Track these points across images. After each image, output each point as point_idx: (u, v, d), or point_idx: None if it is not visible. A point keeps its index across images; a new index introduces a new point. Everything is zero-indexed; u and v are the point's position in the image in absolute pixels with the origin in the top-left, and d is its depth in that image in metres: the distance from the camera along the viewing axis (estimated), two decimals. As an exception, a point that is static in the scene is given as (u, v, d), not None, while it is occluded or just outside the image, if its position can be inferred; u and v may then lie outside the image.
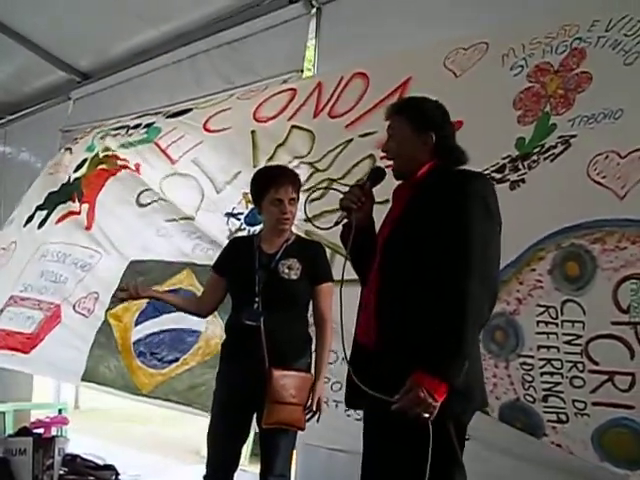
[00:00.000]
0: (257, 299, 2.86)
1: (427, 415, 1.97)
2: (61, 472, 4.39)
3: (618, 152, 2.63)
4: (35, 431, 4.57)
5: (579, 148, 2.76)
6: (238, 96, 4.59)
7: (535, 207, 2.80)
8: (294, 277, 2.87)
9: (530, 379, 2.68)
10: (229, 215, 3.99)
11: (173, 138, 4.70)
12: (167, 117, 4.93)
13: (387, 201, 2.39)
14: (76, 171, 5.38)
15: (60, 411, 5.56)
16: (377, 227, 2.39)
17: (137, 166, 4.80)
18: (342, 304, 2.20)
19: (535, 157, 2.88)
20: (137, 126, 5.03)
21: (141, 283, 3.29)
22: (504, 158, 2.97)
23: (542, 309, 2.67)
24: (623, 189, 2.57)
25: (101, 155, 5.18)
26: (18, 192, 6.26)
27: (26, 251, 5.36)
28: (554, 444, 2.62)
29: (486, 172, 2.95)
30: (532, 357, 2.68)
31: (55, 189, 5.51)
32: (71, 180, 5.43)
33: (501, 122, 3.08)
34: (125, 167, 4.91)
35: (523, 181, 2.88)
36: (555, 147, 2.83)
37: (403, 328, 2.07)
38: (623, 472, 2.46)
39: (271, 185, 2.93)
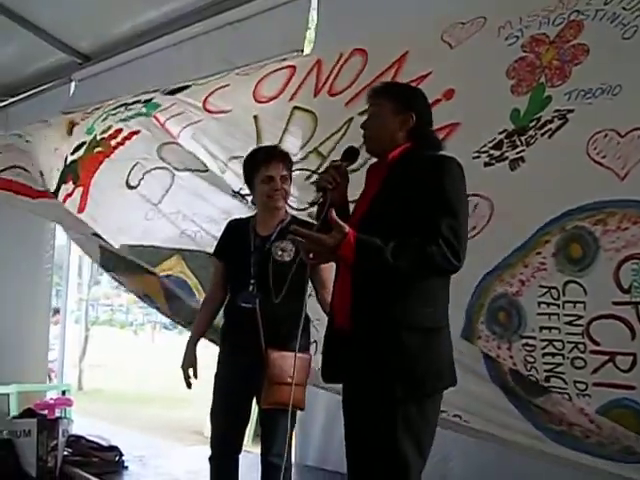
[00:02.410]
0: (252, 282, 2.90)
1: (310, 256, 2.16)
2: (65, 453, 4.42)
3: (617, 131, 2.58)
4: (39, 412, 4.59)
5: (577, 124, 2.71)
6: (237, 72, 4.56)
7: (537, 189, 2.77)
8: (287, 259, 2.89)
9: (532, 360, 2.66)
10: (236, 194, 3.90)
11: (172, 113, 4.66)
12: (165, 94, 4.90)
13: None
14: (73, 153, 5.34)
15: (64, 392, 5.60)
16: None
17: (135, 132, 4.72)
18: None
19: (532, 132, 2.82)
20: (135, 102, 4.99)
21: None
22: (500, 132, 2.92)
23: (544, 290, 2.65)
24: (623, 169, 2.54)
25: (98, 137, 5.12)
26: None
27: None
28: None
29: (484, 149, 2.93)
30: (534, 338, 2.66)
31: (55, 186, 5.50)
32: (67, 162, 5.40)
33: (494, 91, 3.03)
34: (119, 145, 4.84)
35: (522, 160, 2.82)
36: (552, 122, 2.78)
37: (379, 308, 2.13)
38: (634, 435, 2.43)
39: (262, 163, 2.98)
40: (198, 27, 5.23)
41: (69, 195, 5.09)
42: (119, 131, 4.84)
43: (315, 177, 2.39)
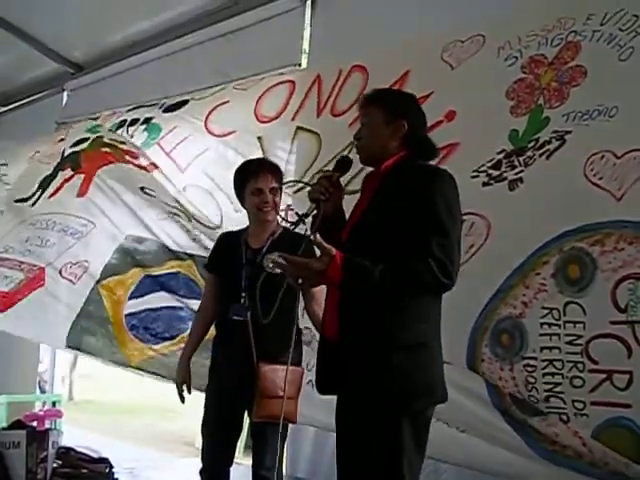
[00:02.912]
0: (244, 294, 2.90)
1: (299, 282, 2.14)
2: (55, 465, 4.38)
3: (614, 152, 2.64)
4: (29, 424, 4.55)
5: (575, 146, 2.77)
6: (234, 86, 4.55)
7: (535, 210, 2.82)
8: (279, 271, 2.86)
9: (533, 380, 2.71)
10: None
11: (176, 139, 4.64)
12: (164, 111, 4.87)
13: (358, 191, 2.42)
14: (74, 146, 5.30)
15: (54, 404, 5.55)
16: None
17: (155, 166, 4.67)
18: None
19: (530, 153, 2.88)
20: (135, 121, 4.96)
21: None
22: (499, 153, 2.97)
23: (546, 311, 2.70)
24: (620, 190, 2.60)
25: (107, 139, 5.07)
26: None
27: (13, 219, 5.28)
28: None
29: (482, 169, 2.98)
30: (535, 359, 2.70)
31: (49, 172, 5.45)
32: (66, 153, 5.35)
33: (493, 112, 3.07)
34: (134, 165, 4.78)
35: (521, 180, 2.88)
36: (550, 142, 2.83)
37: (368, 322, 2.10)
38: (624, 460, 2.45)
39: (251, 176, 2.98)
40: (192, 38, 5.21)
41: (67, 180, 5.06)
42: (134, 153, 4.80)
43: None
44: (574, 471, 2.58)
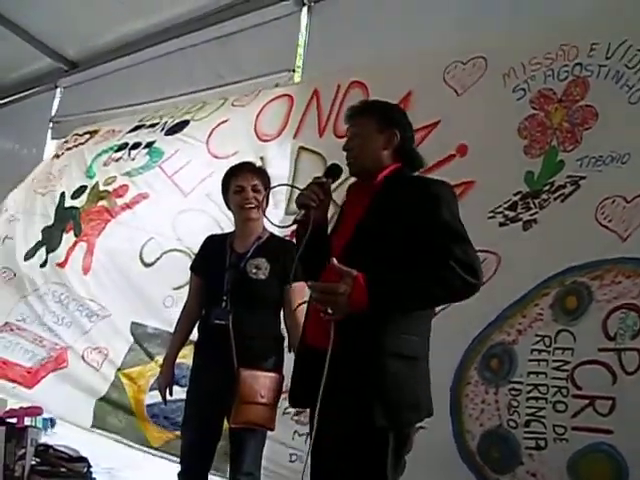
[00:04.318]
0: (225, 298, 2.88)
1: (329, 312, 1.99)
2: (33, 463, 4.34)
3: (624, 197, 2.70)
4: (8, 420, 4.52)
5: (588, 191, 2.82)
6: (232, 102, 4.53)
7: (545, 248, 2.87)
8: (262, 277, 2.86)
9: (516, 404, 2.74)
10: None
11: (179, 163, 4.61)
12: (166, 133, 4.83)
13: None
14: (74, 197, 5.24)
15: (34, 400, 5.50)
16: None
17: (145, 195, 4.67)
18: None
19: (545, 196, 2.93)
20: (137, 145, 4.92)
21: None
22: (515, 194, 3.01)
23: (538, 338, 2.74)
24: (626, 232, 2.66)
25: (102, 187, 5.06)
26: (3, 180, 6.24)
27: (24, 283, 5.22)
28: (529, 473, 2.66)
29: (499, 210, 3.03)
30: (521, 383, 2.74)
31: (50, 223, 5.37)
32: (65, 204, 5.29)
33: (507, 150, 3.10)
34: (127, 207, 4.75)
35: (535, 221, 2.93)
36: (565, 187, 2.88)
37: (361, 331, 2.03)
38: None
39: (232, 176, 3.01)
40: (188, 39, 5.22)
41: (71, 248, 4.97)
42: (125, 188, 4.80)
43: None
44: None
